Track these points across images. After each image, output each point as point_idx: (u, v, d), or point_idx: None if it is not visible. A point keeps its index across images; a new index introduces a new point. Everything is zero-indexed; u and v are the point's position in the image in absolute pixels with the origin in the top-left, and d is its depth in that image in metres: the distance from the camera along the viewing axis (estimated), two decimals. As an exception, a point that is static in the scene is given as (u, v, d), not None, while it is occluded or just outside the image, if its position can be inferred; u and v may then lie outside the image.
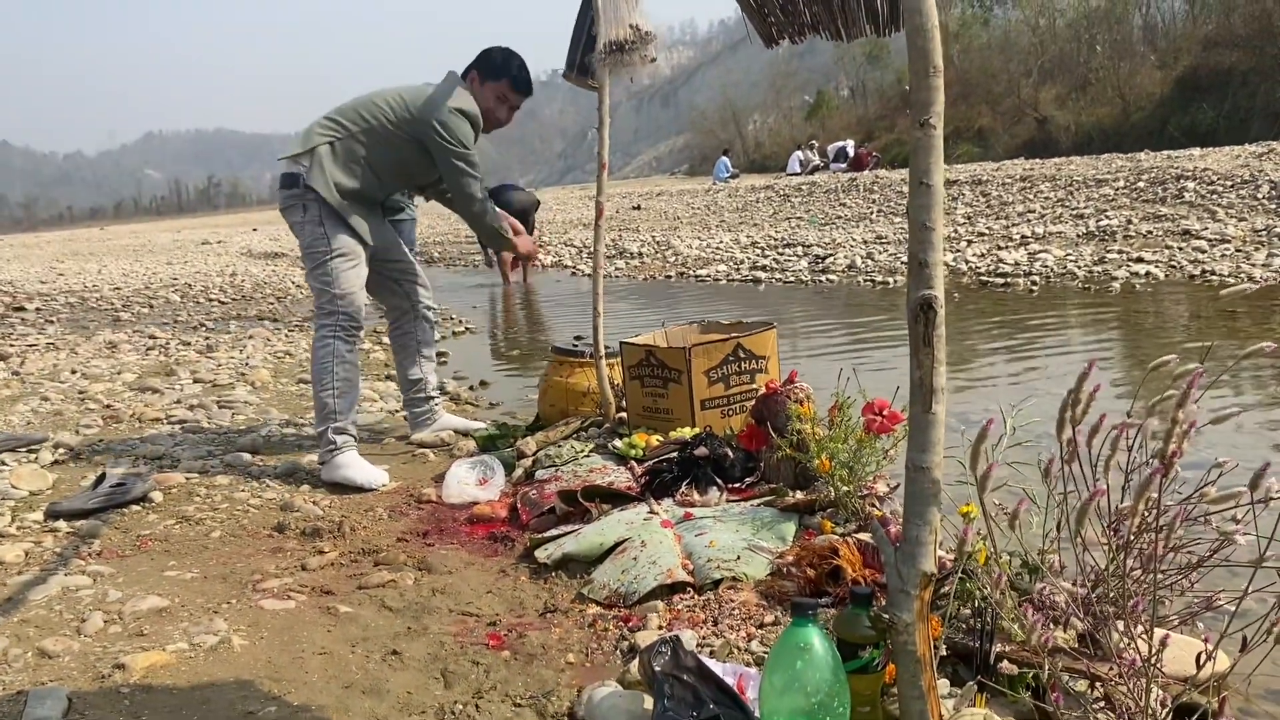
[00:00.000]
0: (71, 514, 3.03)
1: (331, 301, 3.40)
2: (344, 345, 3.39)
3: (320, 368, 3.37)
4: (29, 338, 7.63)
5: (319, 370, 3.37)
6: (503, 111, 3.61)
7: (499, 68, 3.52)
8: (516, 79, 3.55)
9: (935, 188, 1.50)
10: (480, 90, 3.52)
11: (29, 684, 1.93)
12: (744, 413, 3.38)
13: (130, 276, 13.92)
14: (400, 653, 2.08)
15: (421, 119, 3.38)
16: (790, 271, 9.61)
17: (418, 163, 3.50)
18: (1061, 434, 1.56)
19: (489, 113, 3.55)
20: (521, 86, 3.59)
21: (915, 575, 1.54)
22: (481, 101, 3.51)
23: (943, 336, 1.52)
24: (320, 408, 3.37)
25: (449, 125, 3.38)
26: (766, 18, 1.77)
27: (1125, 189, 11.82)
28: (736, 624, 2.05)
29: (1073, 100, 25.64)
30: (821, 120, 39.27)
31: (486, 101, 3.53)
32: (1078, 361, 5.05)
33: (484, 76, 3.52)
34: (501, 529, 2.88)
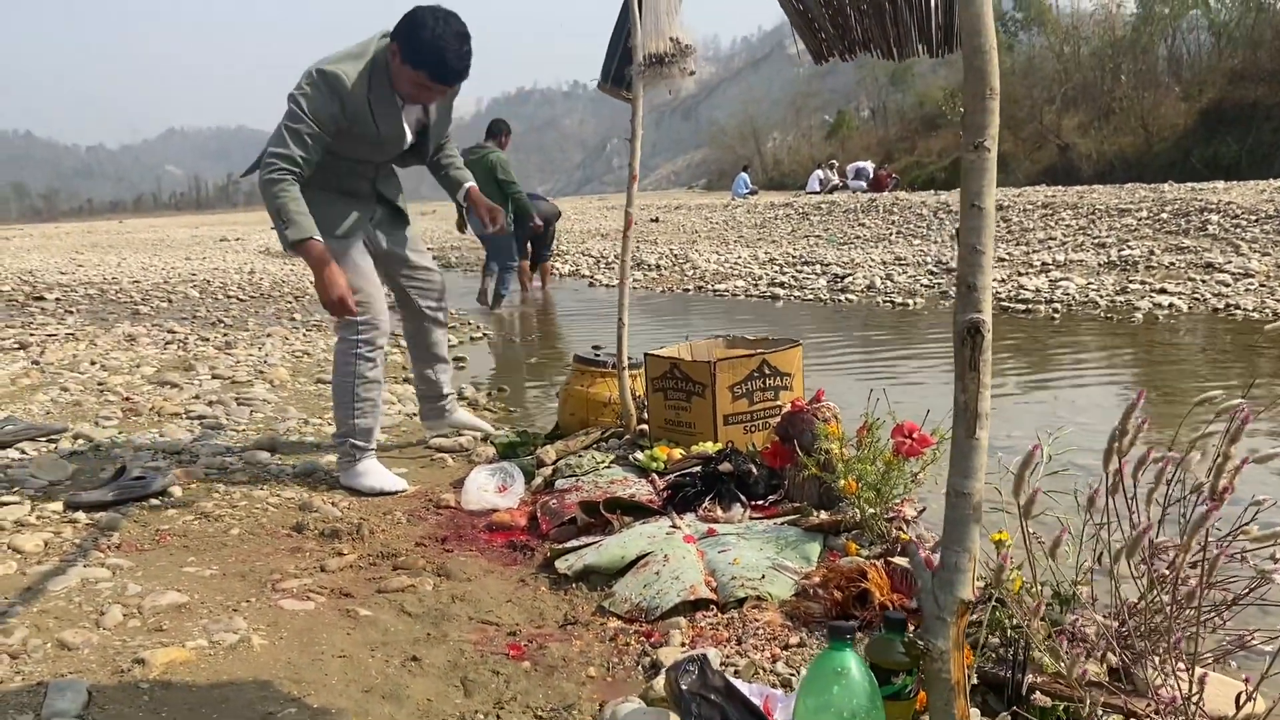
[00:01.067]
0: (91, 505, 3.03)
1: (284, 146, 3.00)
2: (365, 364, 3.25)
3: (341, 387, 3.27)
4: (49, 327, 7.66)
5: (340, 389, 3.27)
6: (423, 95, 3.12)
7: (420, 54, 2.97)
8: (436, 72, 3.00)
9: (987, 211, 1.48)
10: (398, 68, 3.02)
11: (49, 675, 1.92)
12: (767, 429, 3.36)
13: (149, 270, 13.98)
14: (420, 659, 2.06)
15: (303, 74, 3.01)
16: (809, 289, 9.59)
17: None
18: (1108, 465, 1.54)
19: (405, 94, 3.11)
20: (443, 79, 3.04)
21: (953, 602, 1.52)
22: (398, 79, 3.05)
23: (989, 361, 1.50)
24: (341, 423, 3.30)
25: (300, 85, 2.97)
26: (817, 33, 1.76)
27: (1148, 219, 11.77)
28: (761, 644, 2.03)
29: (1095, 128, 25.58)
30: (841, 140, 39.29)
31: (402, 84, 3.06)
32: (1101, 391, 5.02)
33: (402, 55, 3.00)
34: (521, 537, 2.86)
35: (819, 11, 1.76)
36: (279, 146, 2.93)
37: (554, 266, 11.93)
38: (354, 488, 3.28)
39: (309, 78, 2.98)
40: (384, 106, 3.10)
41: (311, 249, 2.94)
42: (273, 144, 2.96)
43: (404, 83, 3.06)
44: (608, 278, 11.99)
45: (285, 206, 2.91)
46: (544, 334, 8.10)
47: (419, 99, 3.15)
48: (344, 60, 3.01)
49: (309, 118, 2.94)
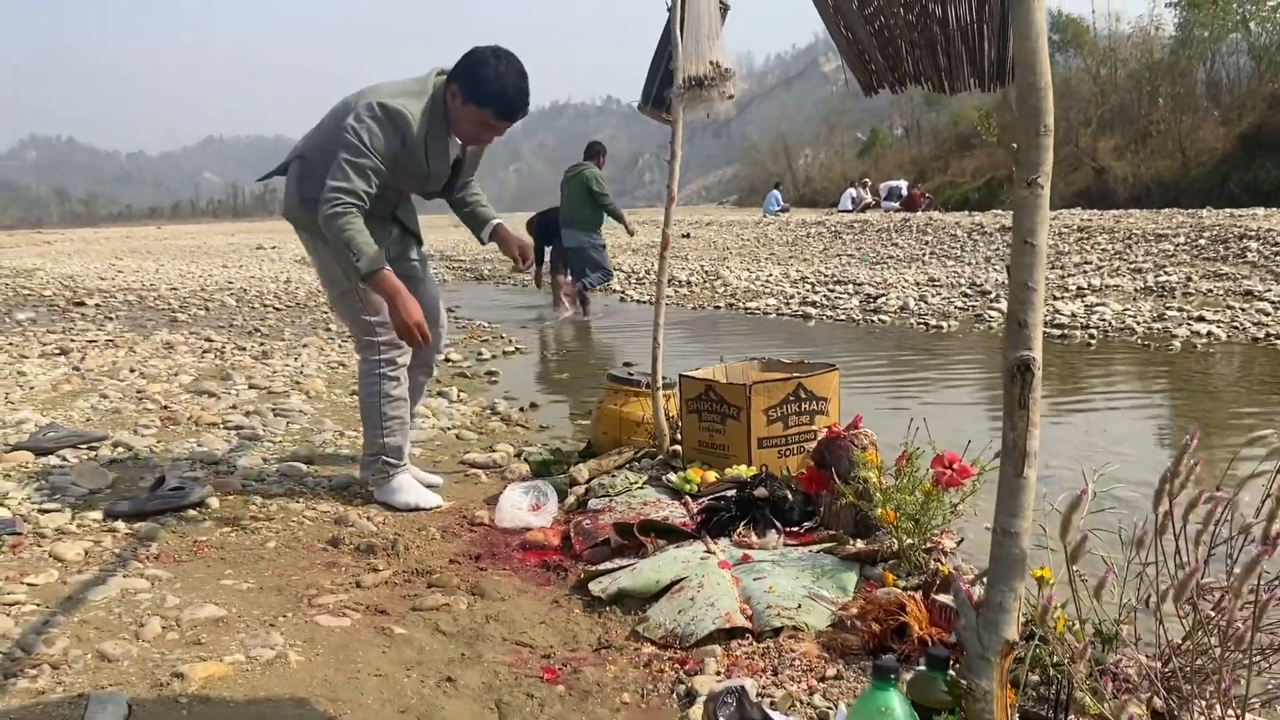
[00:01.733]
0: (130, 515, 3.06)
1: (368, 330, 3.19)
2: (390, 384, 3.24)
3: (368, 407, 3.25)
4: (89, 333, 7.76)
5: (367, 409, 3.26)
6: (484, 134, 3.17)
7: (483, 93, 3.01)
8: (501, 110, 3.05)
9: (1039, 248, 1.47)
10: (460, 109, 3.05)
11: (89, 687, 1.94)
12: (801, 453, 3.35)
13: (187, 278, 14.15)
14: (455, 680, 2.07)
15: (353, 105, 3.01)
16: (841, 309, 9.55)
17: None
18: (1158, 506, 1.52)
19: (464, 134, 3.16)
20: (507, 115, 3.09)
21: (997, 642, 1.51)
22: (459, 122, 3.09)
23: (1039, 400, 1.49)
24: (371, 442, 3.29)
25: (360, 115, 2.95)
26: (868, 64, 1.76)
27: (1185, 245, 11.65)
28: (798, 675, 2.01)
29: (1132, 151, 25.35)
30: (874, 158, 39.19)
31: (465, 124, 3.10)
32: (1139, 420, 4.96)
33: (465, 95, 3.03)
34: (554, 557, 2.86)
35: (869, 43, 1.75)
36: (341, 180, 2.93)
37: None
38: (389, 504, 3.29)
39: (370, 111, 2.96)
40: (438, 144, 3.13)
41: (384, 279, 2.97)
42: (333, 178, 2.94)
43: (465, 122, 3.09)
44: (639, 293, 12.01)
45: (354, 239, 2.92)
46: (576, 350, 8.12)
47: (478, 138, 3.19)
48: (406, 97, 3.02)
49: (371, 152, 2.95)
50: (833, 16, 1.79)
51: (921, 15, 1.71)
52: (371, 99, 2.99)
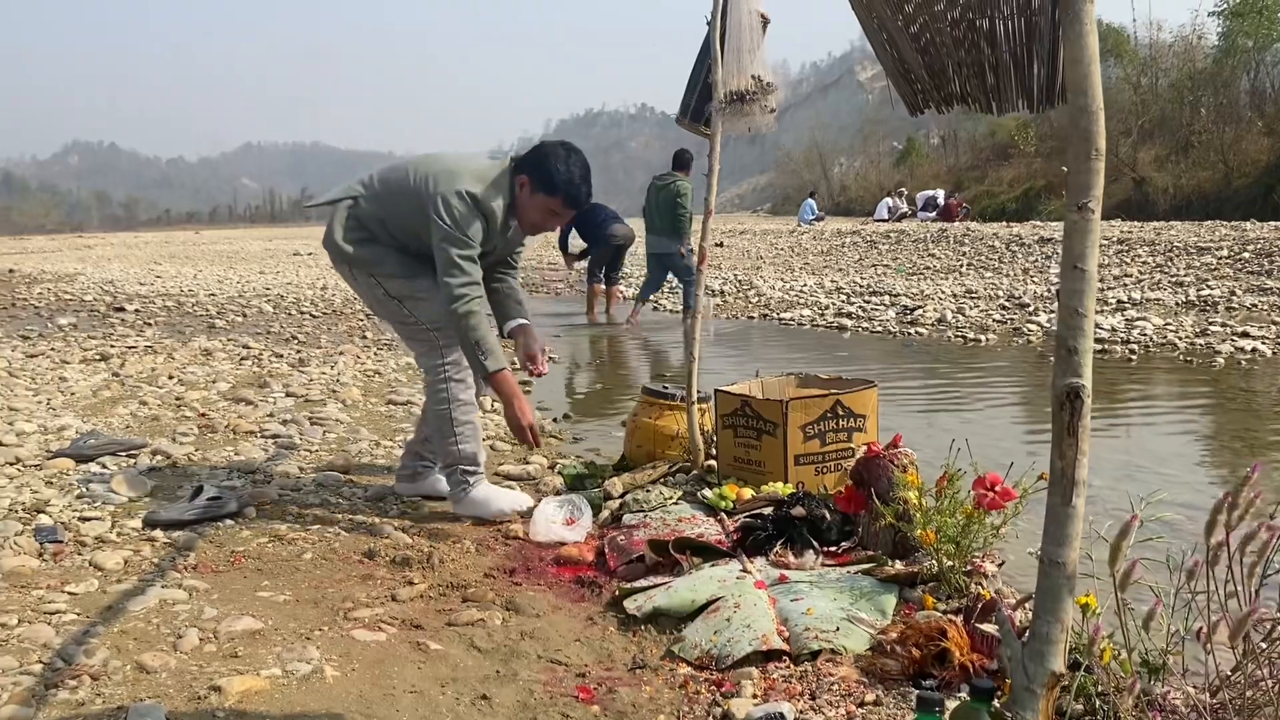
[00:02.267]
0: (169, 524, 3.09)
1: (429, 340, 3.21)
2: (456, 386, 3.24)
3: (438, 415, 3.24)
4: (128, 339, 7.86)
5: (437, 419, 3.25)
6: (549, 222, 3.29)
7: (553, 182, 3.13)
8: (573, 196, 3.18)
9: (1090, 274, 1.45)
10: (528, 198, 3.18)
11: (128, 699, 1.95)
12: (838, 471, 3.32)
13: (224, 284, 14.31)
14: (490, 698, 2.06)
15: (432, 190, 3.09)
16: (877, 321, 9.49)
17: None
18: (1211, 536, 1.49)
19: (529, 222, 3.27)
20: (577, 205, 3.23)
21: (1043, 674, 1.48)
22: (526, 210, 3.21)
23: (1088, 427, 1.46)
24: (445, 454, 3.27)
25: (451, 205, 3.05)
26: (914, 84, 1.74)
27: (1229, 259, 11.47)
28: (836, 700, 1.99)
29: (1172, 162, 25.04)
30: (910, 167, 39.00)
31: (531, 212, 3.21)
32: (1183, 438, 4.88)
33: (535, 185, 3.16)
34: (588, 573, 2.85)
35: (915, 61, 1.73)
36: (457, 276, 3.05)
37: (620, 291, 11.97)
38: (476, 516, 3.29)
39: (460, 199, 3.06)
40: (503, 230, 3.25)
41: (506, 379, 3.12)
42: (450, 274, 3.05)
43: (532, 210, 3.21)
44: (671, 303, 11.99)
45: (484, 339, 3.09)
46: (609, 361, 8.12)
47: (541, 226, 3.31)
48: (489, 188, 3.13)
49: (471, 239, 3.08)
50: (878, 35, 1.77)
51: (969, 33, 1.69)
52: (459, 186, 3.07)
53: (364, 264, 3.22)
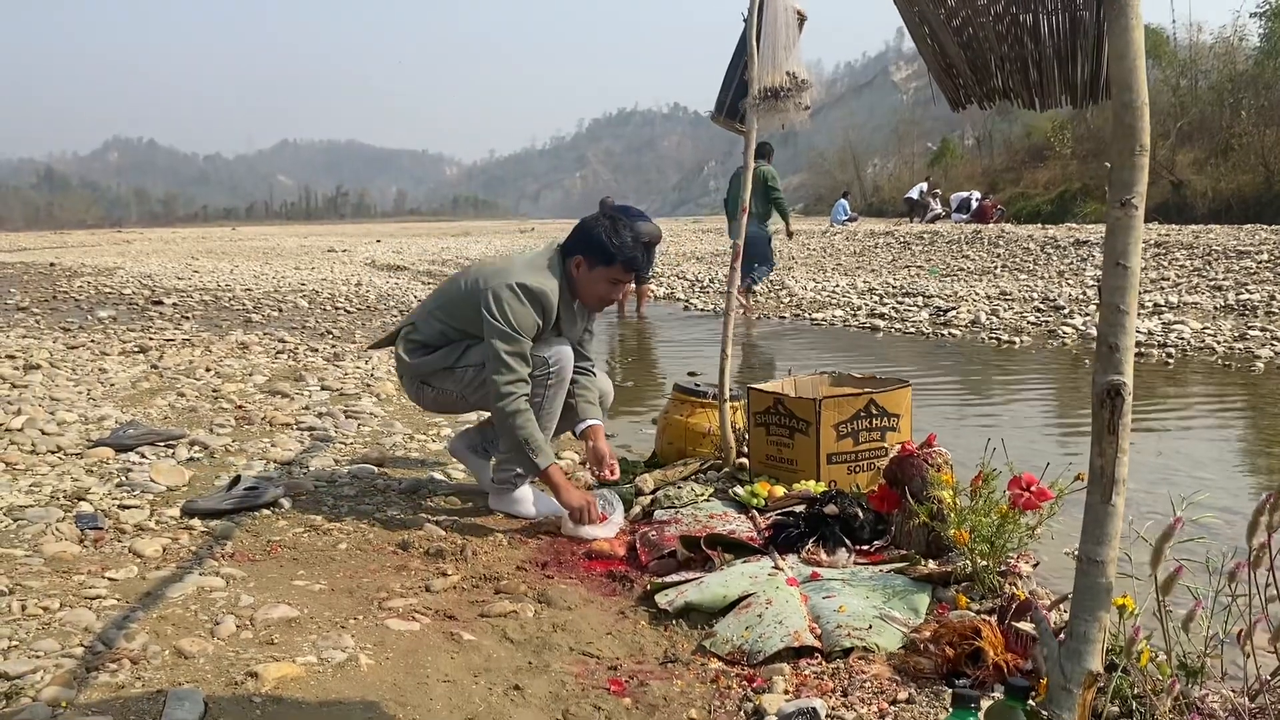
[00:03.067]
0: (206, 513, 3.13)
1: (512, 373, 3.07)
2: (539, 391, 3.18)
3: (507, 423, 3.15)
4: (166, 332, 7.97)
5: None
6: (613, 293, 3.30)
7: (609, 253, 3.15)
8: (631, 260, 3.18)
9: (1132, 270, 1.43)
10: (588, 275, 3.20)
11: (167, 683, 1.98)
12: (871, 470, 3.31)
13: (260, 279, 14.46)
14: (522, 688, 2.07)
15: (483, 287, 3.11)
16: (910, 322, 9.43)
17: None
18: (1253, 538, 1.47)
19: (595, 296, 3.27)
20: (637, 266, 3.21)
21: (1080, 673, 1.47)
22: (588, 286, 3.22)
23: (1129, 425, 1.45)
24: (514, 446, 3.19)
25: (501, 299, 3.05)
26: (955, 78, 1.73)
27: (1268, 263, 11.30)
28: (868, 698, 1.98)
29: (1212, 165, 24.67)
30: (944, 168, 38.66)
31: (595, 287, 3.22)
32: (1221, 444, 4.82)
33: (592, 261, 3.18)
34: (620, 568, 2.86)
35: (957, 56, 1.72)
36: (505, 374, 3.03)
37: (650, 289, 11.98)
38: (511, 513, 3.31)
39: (512, 292, 3.06)
40: (568, 313, 3.26)
41: (553, 473, 3.10)
42: (498, 373, 3.04)
43: (597, 285, 3.22)
44: (702, 301, 11.98)
45: (532, 437, 3.06)
46: (640, 358, 8.12)
47: (609, 298, 3.31)
48: (540, 274, 3.14)
49: (522, 334, 3.07)
50: (919, 28, 1.76)
51: (1012, 27, 1.68)
52: (509, 280, 3.09)
53: (418, 372, 3.28)
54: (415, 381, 3.33)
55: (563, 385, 3.22)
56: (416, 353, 3.29)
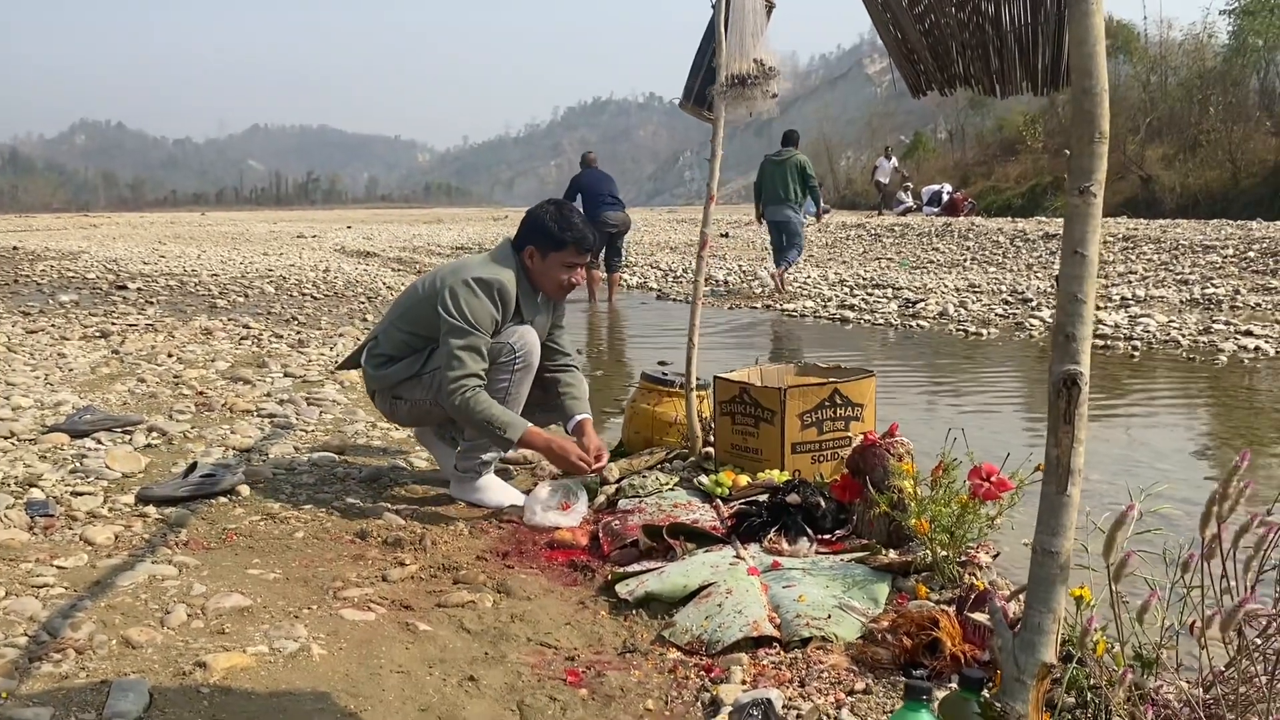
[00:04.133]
0: (161, 500, 3.08)
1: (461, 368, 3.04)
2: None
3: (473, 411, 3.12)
4: (129, 317, 7.85)
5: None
6: (572, 275, 3.27)
7: (557, 235, 3.16)
8: (581, 240, 3.19)
9: (1090, 259, 1.42)
10: (542, 264, 3.19)
11: (113, 673, 1.94)
12: (835, 460, 3.30)
13: (228, 264, 14.30)
14: (477, 679, 2.04)
15: (439, 286, 3.10)
16: (879, 313, 9.45)
17: None
18: (1205, 529, 1.46)
19: (554, 284, 3.24)
20: (588, 246, 3.22)
21: (1033, 664, 1.46)
22: (545, 275, 3.21)
23: (1085, 415, 1.44)
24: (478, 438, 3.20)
25: (456, 295, 3.04)
26: (916, 65, 1.71)
27: (1234, 258, 11.42)
28: (825, 688, 1.97)
29: (1180, 161, 24.91)
30: (917, 162, 38.81)
31: (551, 274, 3.20)
32: (1183, 435, 4.85)
33: (544, 249, 3.18)
34: (582, 557, 2.83)
35: (919, 43, 1.71)
36: (458, 369, 3.01)
37: (622, 278, 11.95)
38: (473, 502, 3.27)
39: (466, 287, 3.05)
40: (530, 305, 3.23)
41: (531, 437, 3.09)
42: (450, 368, 3.02)
43: (553, 271, 3.20)
44: (675, 291, 11.97)
45: (490, 416, 3.03)
46: (610, 347, 8.09)
47: (568, 283, 3.26)
48: (496, 266, 3.15)
49: (478, 329, 3.05)
50: (881, 14, 1.74)
51: (973, 14, 1.66)
52: (463, 276, 3.08)
53: (386, 384, 3.25)
54: (387, 397, 3.28)
55: (529, 370, 3.18)
56: (382, 366, 3.24)
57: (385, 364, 3.24)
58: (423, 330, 3.17)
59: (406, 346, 3.21)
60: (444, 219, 39.94)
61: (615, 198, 10.49)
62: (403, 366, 3.20)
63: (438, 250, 18.78)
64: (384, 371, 3.23)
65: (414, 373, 3.18)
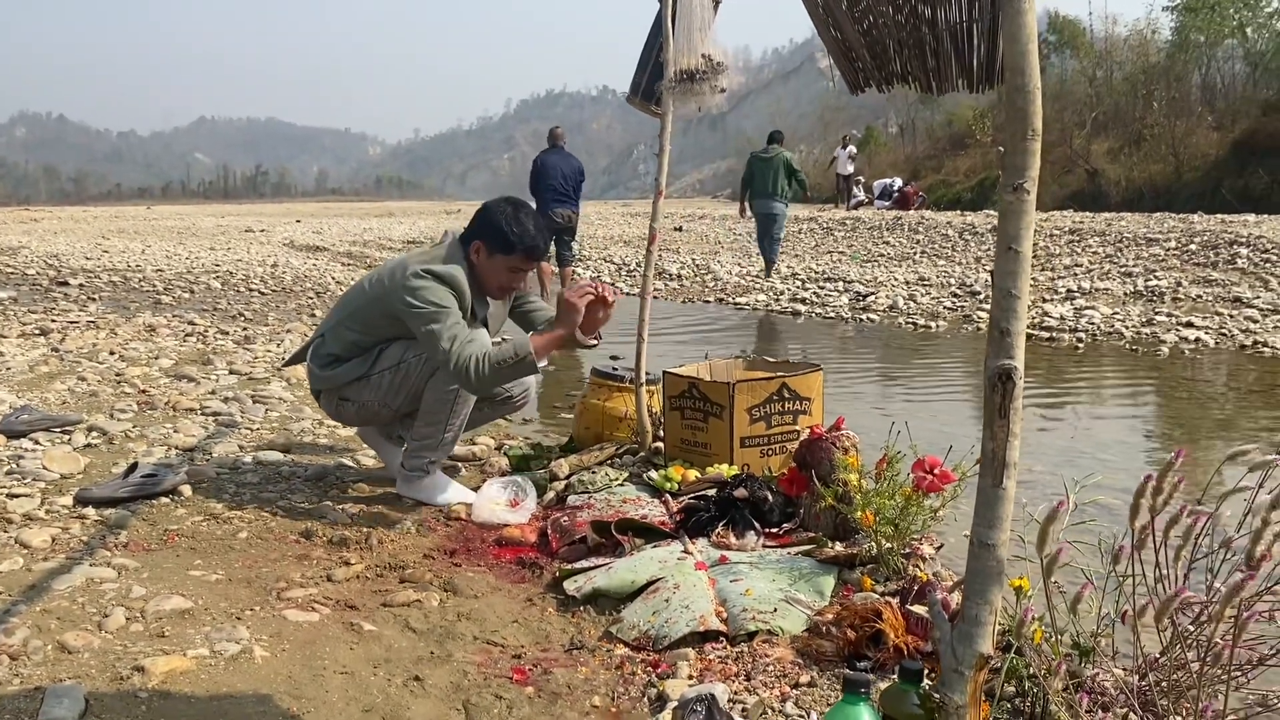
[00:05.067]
0: (101, 502, 3.02)
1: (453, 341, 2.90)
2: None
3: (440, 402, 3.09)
4: (70, 314, 7.69)
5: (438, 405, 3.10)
6: (514, 281, 3.18)
7: (509, 241, 3.06)
8: (531, 250, 3.10)
9: (1024, 255, 1.44)
10: (488, 262, 3.09)
11: (47, 679, 1.90)
12: (784, 453, 3.32)
13: (173, 259, 14.05)
14: (422, 679, 2.03)
15: (390, 284, 3.01)
16: (830, 306, 9.53)
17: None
18: (1135, 520, 1.49)
19: (496, 284, 3.15)
20: (538, 256, 3.14)
21: (971, 656, 1.48)
22: (488, 274, 3.11)
23: (1020, 409, 1.46)
24: (425, 435, 3.14)
25: (414, 286, 2.93)
26: (854, 63, 1.72)
27: (1176, 250, 11.65)
28: (771, 681, 1.98)
29: (1125, 155, 25.35)
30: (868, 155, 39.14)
31: (496, 276, 3.12)
32: (1125, 425, 4.95)
33: (491, 248, 3.09)
34: (530, 554, 2.83)
35: (857, 41, 1.72)
36: (446, 345, 2.86)
37: (575, 271, 11.93)
38: (420, 500, 3.22)
39: (420, 276, 2.94)
40: (480, 301, 3.16)
41: (543, 342, 2.95)
42: (435, 352, 2.90)
43: (497, 273, 3.12)
44: (629, 285, 11.96)
45: (501, 362, 2.87)
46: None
47: (509, 285, 3.19)
48: (444, 261, 3.04)
49: (443, 306, 2.93)
50: (821, 15, 1.75)
51: (910, 15, 1.67)
52: (412, 268, 2.98)
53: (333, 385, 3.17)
54: (333, 398, 3.20)
55: None
56: (329, 366, 3.17)
57: (332, 364, 3.16)
58: (372, 331, 3.11)
59: (355, 347, 3.14)
60: (395, 212, 39.58)
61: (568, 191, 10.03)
62: (351, 367, 3.14)
63: (389, 244, 18.59)
64: (331, 372, 3.16)
65: (362, 374, 3.11)
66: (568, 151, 10.01)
